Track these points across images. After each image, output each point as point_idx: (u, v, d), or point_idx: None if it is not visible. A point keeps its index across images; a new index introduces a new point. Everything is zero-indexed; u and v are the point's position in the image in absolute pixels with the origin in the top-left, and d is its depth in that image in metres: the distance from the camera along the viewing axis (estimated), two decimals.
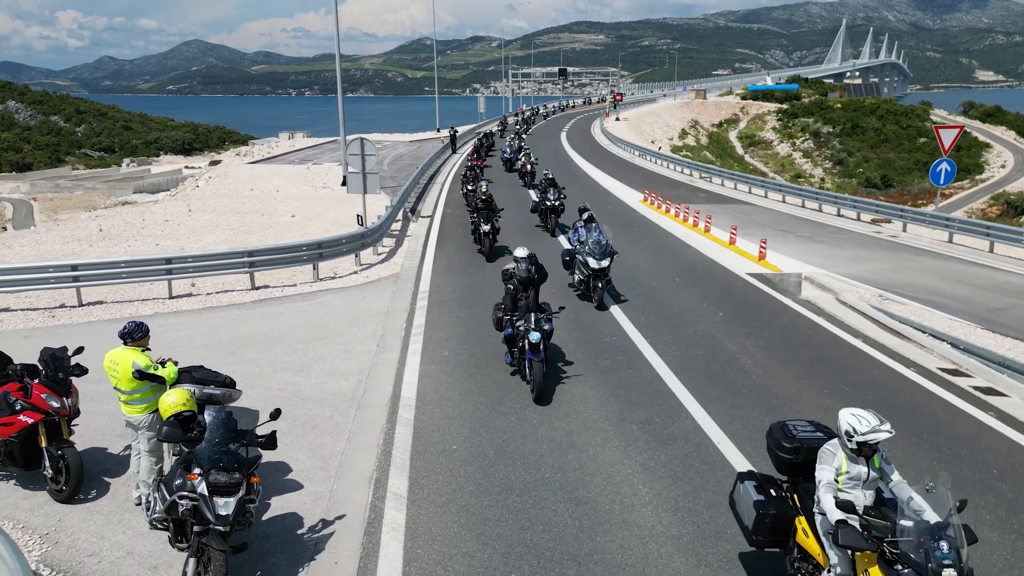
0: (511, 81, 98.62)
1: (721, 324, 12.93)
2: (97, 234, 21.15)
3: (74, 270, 13.85)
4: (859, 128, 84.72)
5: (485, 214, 18.35)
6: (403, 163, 40.89)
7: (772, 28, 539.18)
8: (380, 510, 7.06)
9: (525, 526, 6.78)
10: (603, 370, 10.71)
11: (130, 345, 6.85)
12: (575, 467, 7.87)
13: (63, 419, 7.31)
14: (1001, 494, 7.36)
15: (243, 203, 27.26)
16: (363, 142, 18.79)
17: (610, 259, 14.05)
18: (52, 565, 6.26)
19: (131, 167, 78.27)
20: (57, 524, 6.86)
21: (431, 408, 9.39)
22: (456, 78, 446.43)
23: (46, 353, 7.44)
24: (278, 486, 7.50)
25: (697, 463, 7.96)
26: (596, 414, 9.23)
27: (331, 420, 9.06)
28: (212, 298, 14.74)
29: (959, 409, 9.46)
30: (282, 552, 6.43)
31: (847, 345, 11.94)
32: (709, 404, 9.44)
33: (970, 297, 15.24)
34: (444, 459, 8.06)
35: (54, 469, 7.17)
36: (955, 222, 21.80)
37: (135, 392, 6.83)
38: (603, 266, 13.91)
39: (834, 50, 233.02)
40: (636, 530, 6.73)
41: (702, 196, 30.09)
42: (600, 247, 13.96)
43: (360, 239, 17.44)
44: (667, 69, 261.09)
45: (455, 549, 6.44)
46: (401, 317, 13.41)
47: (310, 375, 10.51)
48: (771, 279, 16.18)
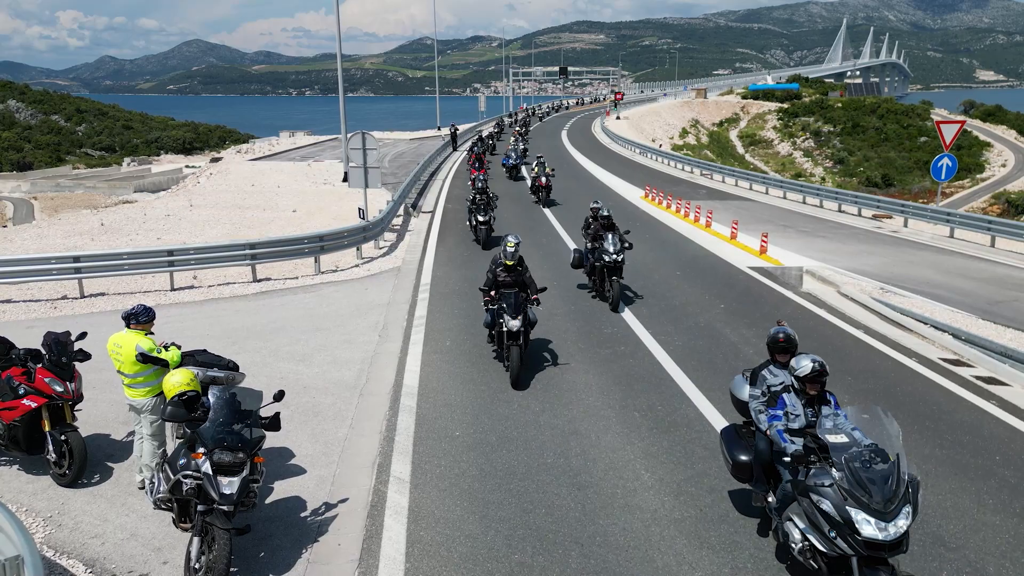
0: (511, 81, 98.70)
1: (723, 316, 12.94)
2: (99, 228, 21.17)
3: (76, 261, 13.87)
4: (860, 127, 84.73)
5: (512, 301, 9.95)
6: (404, 160, 40.90)
7: (772, 28, 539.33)
8: (383, 494, 7.07)
9: (528, 509, 6.79)
10: (605, 359, 10.72)
11: (134, 328, 6.86)
12: (577, 453, 7.88)
13: (66, 403, 7.31)
14: (1003, 479, 7.36)
15: (244, 199, 27.29)
16: (364, 136, 18.81)
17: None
18: (56, 547, 6.27)
19: (132, 166, 78.35)
20: (60, 507, 6.87)
21: (433, 396, 9.40)
22: (456, 78, 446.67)
23: (49, 338, 7.45)
24: (281, 471, 7.51)
25: (699, 449, 7.97)
26: (598, 402, 9.23)
27: (333, 407, 9.07)
28: (214, 290, 14.76)
29: (961, 398, 9.46)
30: (285, 534, 6.44)
31: (848, 336, 11.95)
32: (711, 392, 9.45)
33: (971, 290, 15.24)
34: (447, 445, 8.07)
35: (57, 453, 7.18)
36: (956, 216, 21.78)
37: (138, 375, 6.84)
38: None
39: (835, 50, 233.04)
40: (639, 513, 6.74)
41: (703, 192, 30.09)
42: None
43: (361, 232, 17.46)
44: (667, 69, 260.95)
45: (458, 531, 6.45)
46: (403, 308, 13.42)
47: (312, 364, 10.52)
48: (772, 272, 16.19)
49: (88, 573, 5.93)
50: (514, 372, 9.51)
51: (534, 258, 15.64)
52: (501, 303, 9.95)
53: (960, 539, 6.35)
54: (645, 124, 77.85)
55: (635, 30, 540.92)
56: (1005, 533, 6.45)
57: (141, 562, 6.06)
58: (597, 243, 13.42)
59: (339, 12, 28.87)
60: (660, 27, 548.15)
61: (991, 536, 6.39)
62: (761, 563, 6.03)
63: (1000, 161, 70.98)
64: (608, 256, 13.07)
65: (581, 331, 12.02)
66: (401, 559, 6.07)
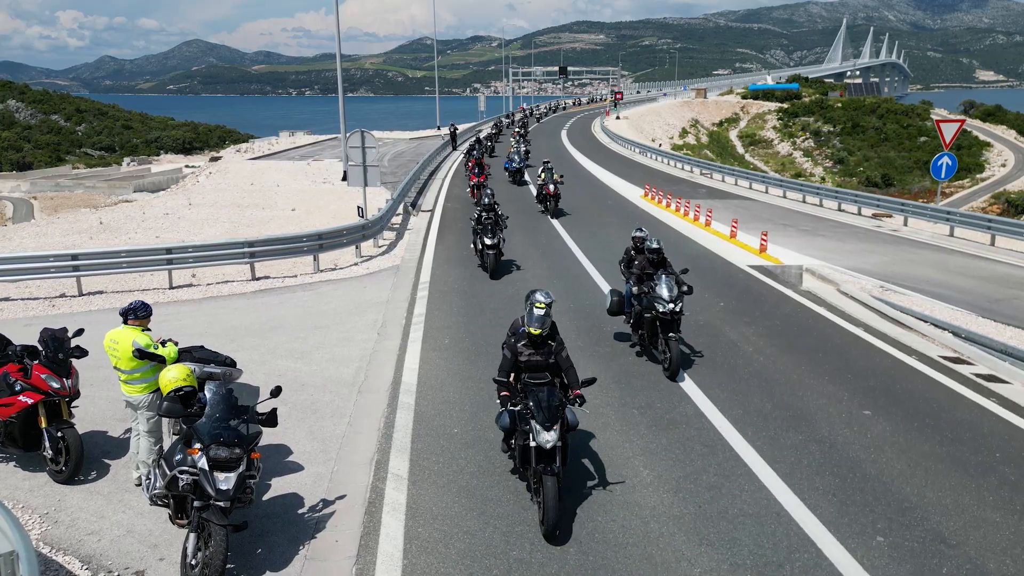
0: (511, 81, 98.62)
1: (722, 314, 12.91)
2: (97, 227, 21.14)
3: (74, 259, 13.84)
4: (859, 127, 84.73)
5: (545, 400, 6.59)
6: (403, 159, 40.86)
7: (772, 28, 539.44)
8: (381, 491, 7.04)
9: (526, 506, 6.75)
10: (604, 357, 10.68)
11: (131, 324, 6.83)
12: (576, 450, 7.85)
13: (63, 400, 7.28)
14: (1003, 476, 7.34)
15: (243, 197, 27.26)
16: (364, 134, 18.79)
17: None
18: (52, 543, 6.24)
19: (131, 166, 78.33)
20: (57, 504, 6.84)
21: (432, 393, 9.37)
22: (456, 78, 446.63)
23: (46, 334, 7.42)
24: (278, 468, 7.48)
25: (699, 446, 7.94)
26: (597, 399, 9.18)
27: (332, 405, 9.04)
28: (212, 288, 14.73)
29: (961, 395, 9.43)
30: (282, 531, 6.41)
31: (848, 334, 11.92)
32: (710, 390, 9.42)
33: (971, 288, 15.22)
34: (445, 442, 8.04)
35: (54, 450, 7.15)
36: (956, 215, 21.75)
37: (135, 372, 6.81)
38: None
39: (834, 50, 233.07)
40: (637, 510, 6.71)
41: (703, 191, 30.07)
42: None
43: (360, 231, 17.42)
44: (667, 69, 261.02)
45: (456, 528, 6.42)
46: (402, 307, 13.39)
47: (310, 362, 10.49)
48: (772, 271, 16.16)
49: (84, 570, 5.90)
50: (551, 518, 6.14)
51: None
52: (527, 401, 6.59)
53: (960, 536, 6.32)
54: (645, 124, 77.83)
55: (635, 30, 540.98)
56: (1005, 530, 6.42)
57: (138, 559, 6.03)
58: (645, 286, 10.27)
59: (339, 12, 28.87)
60: (660, 27, 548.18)
61: (991, 533, 6.37)
62: (760, 559, 6.00)
63: (1000, 161, 70.97)
64: (662, 305, 9.84)
65: (579, 329, 11.97)
66: (399, 555, 6.04)
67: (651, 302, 10.02)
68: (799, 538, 6.29)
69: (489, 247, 15.35)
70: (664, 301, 9.86)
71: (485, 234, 15.45)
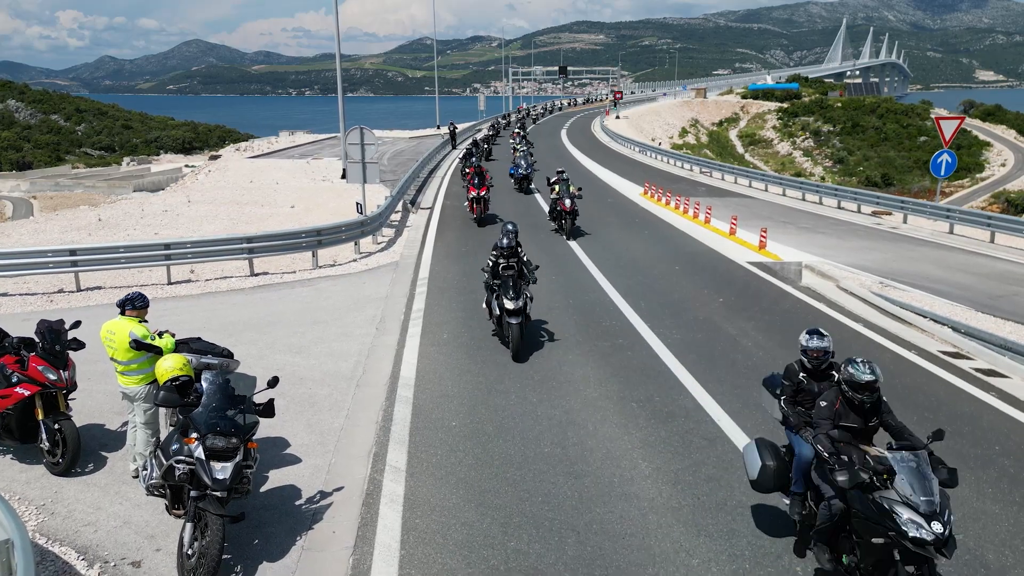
0: (511, 81, 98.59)
1: (722, 309, 12.89)
2: (96, 223, 21.11)
3: (73, 255, 13.82)
4: (859, 127, 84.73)
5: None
6: (403, 158, 40.85)
7: (772, 28, 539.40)
8: (379, 482, 7.02)
9: (524, 498, 6.74)
10: (603, 352, 10.67)
11: (128, 314, 6.81)
12: (575, 443, 7.83)
13: (60, 392, 7.27)
14: (1003, 469, 7.33)
15: (242, 194, 27.23)
16: (363, 131, 18.75)
17: None
18: (48, 534, 6.22)
19: (131, 166, 78.32)
20: (54, 496, 6.82)
21: (430, 387, 9.35)
22: (456, 78, 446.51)
23: (43, 326, 7.40)
24: (276, 460, 7.46)
25: (697, 439, 7.92)
26: (596, 393, 9.19)
27: (330, 398, 9.02)
28: (211, 284, 14.71)
29: (960, 390, 9.42)
30: (280, 522, 6.39)
31: (848, 329, 11.90)
32: (709, 384, 9.40)
33: (971, 285, 15.20)
34: (443, 435, 8.02)
35: (50, 442, 7.13)
36: (956, 212, 21.73)
37: (132, 363, 6.79)
38: None
39: (834, 50, 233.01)
40: (635, 502, 6.69)
41: (702, 190, 30.05)
42: None
43: (359, 227, 17.40)
44: (667, 69, 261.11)
45: (454, 519, 6.40)
46: (400, 302, 13.37)
47: (309, 356, 10.47)
48: (772, 267, 16.14)
49: (80, 560, 5.88)
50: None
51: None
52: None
53: (960, 528, 6.29)
54: (645, 123, 77.79)
55: (635, 30, 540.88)
56: (1004, 522, 6.41)
57: (134, 549, 6.01)
58: (867, 471, 5.15)
59: (338, 12, 28.83)
60: (660, 27, 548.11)
61: (990, 524, 6.35)
62: (759, 550, 5.98)
63: (1000, 161, 70.98)
64: (916, 529, 4.91)
65: (579, 324, 11.96)
66: (396, 546, 6.02)
67: (889, 516, 4.94)
68: None
69: (511, 312, 10.26)
70: (921, 522, 4.89)
71: (505, 293, 10.39)
